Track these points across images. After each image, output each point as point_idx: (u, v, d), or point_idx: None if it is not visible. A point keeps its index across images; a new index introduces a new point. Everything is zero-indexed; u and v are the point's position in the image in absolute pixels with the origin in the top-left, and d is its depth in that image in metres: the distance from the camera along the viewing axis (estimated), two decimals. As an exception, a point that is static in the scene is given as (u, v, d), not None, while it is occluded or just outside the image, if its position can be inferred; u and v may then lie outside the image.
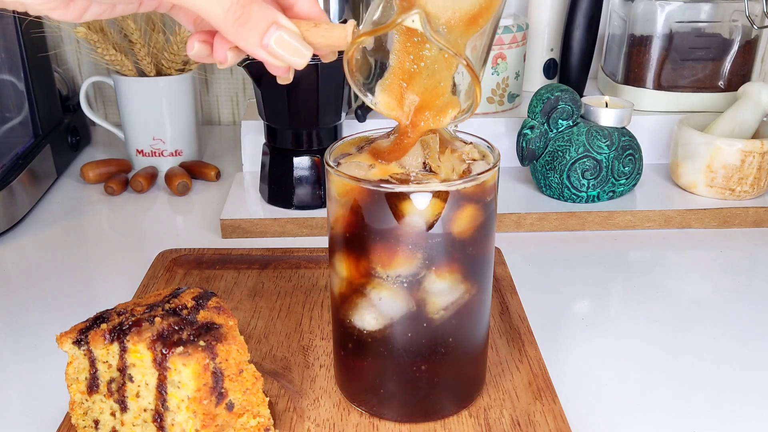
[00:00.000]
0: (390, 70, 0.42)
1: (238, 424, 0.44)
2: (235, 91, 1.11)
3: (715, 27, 0.88)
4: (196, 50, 0.40)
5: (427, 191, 0.42)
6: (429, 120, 0.43)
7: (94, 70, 1.08)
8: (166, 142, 0.93)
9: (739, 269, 0.73)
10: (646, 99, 0.91)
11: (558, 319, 0.63)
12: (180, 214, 0.85)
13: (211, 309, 0.45)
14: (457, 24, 0.39)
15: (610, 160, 0.79)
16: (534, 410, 0.50)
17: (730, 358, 0.58)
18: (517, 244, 0.76)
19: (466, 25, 0.40)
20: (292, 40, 0.38)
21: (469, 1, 0.39)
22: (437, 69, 0.42)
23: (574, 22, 0.90)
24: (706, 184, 0.81)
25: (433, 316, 0.46)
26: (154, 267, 0.68)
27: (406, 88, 0.42)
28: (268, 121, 0.78)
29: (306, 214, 0.78)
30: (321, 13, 0.41)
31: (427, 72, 0.42)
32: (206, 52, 0.40)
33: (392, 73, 0.42)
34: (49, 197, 0.87)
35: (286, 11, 0.41)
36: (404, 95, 0.42)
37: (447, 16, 0.39)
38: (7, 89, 0.84)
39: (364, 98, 0.43)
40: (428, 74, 0.42)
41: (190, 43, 0.40)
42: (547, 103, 0.78)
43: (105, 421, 0.46)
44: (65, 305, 0.65)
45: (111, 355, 0.43)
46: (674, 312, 0.64)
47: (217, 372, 0.42)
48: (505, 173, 0.88)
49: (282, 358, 0.56)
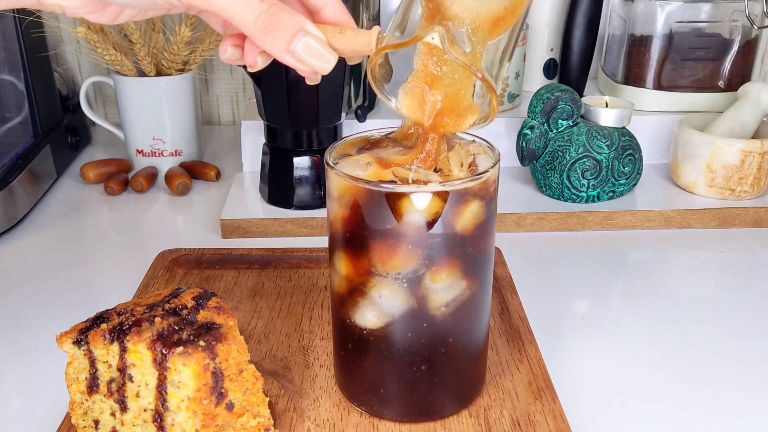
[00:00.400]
0: (413, 73, 0.43)
1: (238, 424, 0.44)
2: (235, 91, 1.11)
3: (715, 27, 0.88)
4: (229, 54, 0.42)
5: (427, 191, 0.42)
6: (449, 124, 0.43)
7: (94, 70, 1.08)
8: (166, 142, 0.93)
9: (739, 269, 0.73)
10: (646, 99, 0.91)
11: (558, 319, 0.63)
12: (180, 214, 0.85)
13: (211, 309, 0.45)
14: (483, 25, 0.40)
15: (610, 160, 0.79)
16: (534, 410, 0.50)
17: (730, 358, 0.58)
18: (517, 244, 0.76)
19: (492, 27, 0.40)
20: (318, 47, 0.39)
21: (497, 3, 0.40)
22: (459, 76, 0.42)
23: (574, 22, 0.90)
24: (706, 184, 0.81)
25: (433, 313, 0.46)
26: (154, 267, 0.68)
27: (428, 92, 0.43)
28: (268, 121, 0.78)
29: (306, 214, 0.78)
30: (348, 18, 0.42)
31: (449, 77, 0.42)
32: (238, 56, 0.42)
33: (416, 76, 0.43)
34: (49, 197, 0.87)
35: (313, 15, 0.42)
36: (426, 99, 0.43)
37: (473, 16, 0.39)
38: (7, 89, 0.84)
39: (387, 102, 0.44)
40: (450, 79, 0.42)
41: (222, 47, 0.42)
42: (547, 103, 0.78)
43: (105, 421, 0.45)
44: (65, 305, 0.65)
45: (111, 355, 0.43)
46: (674, 312, 0.64)
47: (217, 372, 0.42)
48: (505, 173, 0.88)
49: (282, 358, 0.56)
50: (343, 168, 0.44)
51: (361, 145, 0.48)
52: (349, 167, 0.44)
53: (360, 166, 0.44)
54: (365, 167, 0.44)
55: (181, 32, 0.87)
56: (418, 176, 0.43)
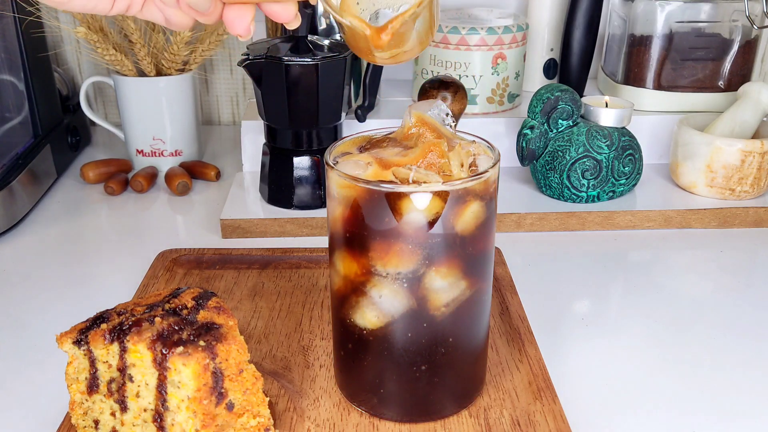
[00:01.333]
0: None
1: (238, 424, 0.44)
2: (235, 91, 1.11)
3: (715, 27, 0.88)
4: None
5: (427, 191, 0.42)
6: (395, 39, 0.43)
7: (94, 70, 1.08)
8: (166, 142, 0.93)
9: (739, 269, 0.73)
10: (646, 99, 0.91)
11: (558, 319, 0.63)
12: (180, 214, 0.85)
13: (211, 309, 0.45)
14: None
15: (610, 160, 0.79)
16: (534, 410, 0.50)
17: (729, 358, 0.58)
18: (517, 244, 0.76)
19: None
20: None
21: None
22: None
23: (574, 22, 0.90)
24: (706, 184, 0.81)
25: (433, 313, 0.46)
26: (154, 267, 0.68)
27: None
28: (268, 121, 0.78)
29: (306, 214, 0.78)
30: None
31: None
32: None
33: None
34: (49, 197, 0.87)
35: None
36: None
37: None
38: (7, 89, 0.84)
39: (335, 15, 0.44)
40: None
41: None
42: (547, 103, 0.78)
43: (105, 421, 0.45)
44: (65, 305, 0.65)
45: (111, 355, 0.43)
46: (674, 312, 0.64)
47: (217, 372, 0.42)
48: (505, 173, 0.88)
49: (282, 358, 0.56)
50: (343, 168, 0.44)
51: (361, 145, 0.48)
52: (349, 167, 0.44)
53: (360, 165, 0.44)
54: (365, 167, 0.44)
55: (181, 32, 0.87)
56: (418, 176, 0.43)
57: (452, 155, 0.44)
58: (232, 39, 1.06)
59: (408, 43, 0.43)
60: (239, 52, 1.07)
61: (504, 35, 0.87)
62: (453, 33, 0.86)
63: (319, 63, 0.73)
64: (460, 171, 0.44)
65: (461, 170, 0.44)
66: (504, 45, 0.87)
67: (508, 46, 0.87)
